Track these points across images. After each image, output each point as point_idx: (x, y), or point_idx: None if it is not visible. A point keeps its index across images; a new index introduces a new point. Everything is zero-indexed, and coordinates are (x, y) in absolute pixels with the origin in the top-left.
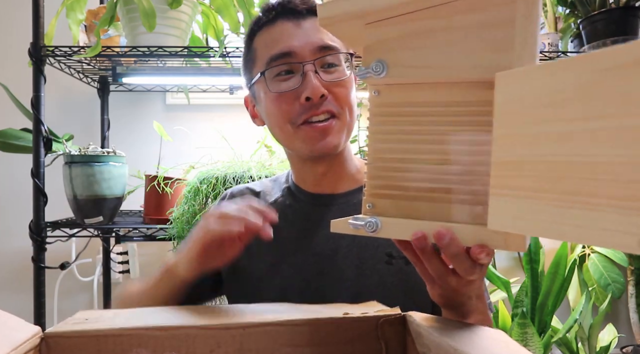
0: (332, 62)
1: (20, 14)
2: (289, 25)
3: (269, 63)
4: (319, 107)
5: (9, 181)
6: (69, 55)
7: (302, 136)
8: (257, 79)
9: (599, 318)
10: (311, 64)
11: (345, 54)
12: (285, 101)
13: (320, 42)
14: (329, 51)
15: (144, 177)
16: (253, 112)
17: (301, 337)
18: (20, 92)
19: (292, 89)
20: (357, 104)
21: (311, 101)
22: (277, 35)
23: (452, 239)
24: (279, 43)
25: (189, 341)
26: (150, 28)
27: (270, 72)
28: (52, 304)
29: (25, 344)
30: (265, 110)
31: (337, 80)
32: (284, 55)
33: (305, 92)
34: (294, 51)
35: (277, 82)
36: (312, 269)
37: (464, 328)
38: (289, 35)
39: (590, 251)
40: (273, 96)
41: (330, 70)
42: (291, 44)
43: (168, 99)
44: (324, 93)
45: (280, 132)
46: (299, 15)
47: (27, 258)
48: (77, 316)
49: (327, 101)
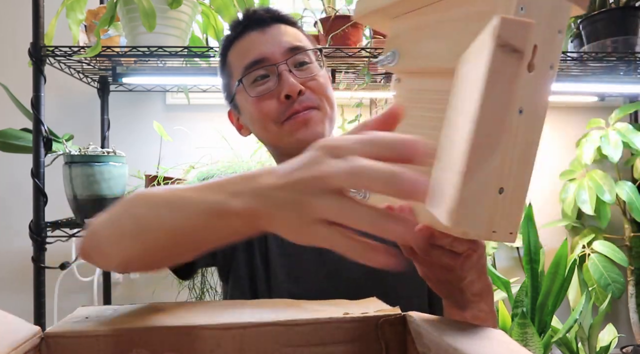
0: (303, 61)
1: (20, 14)
2: (255, 35)
3: (244, 71)
4: (299, 104)
5: (9, 181)
6: (69, 55)
7: (287, 130)
8: (236, 89)
9: (599, 318)
10: (284, 64)
11: (313, 50)
12: (266, 102)
13: (288, 44)
14: (298, 50)
15: (144, 177)
16: (238, 124)
17: (301, 337)
18: (20, 92)
19: (271, 90)
20: (356, 104)
21: (291, 98)
22: (247, 45)
23: (407, 213)
24: (250, 52)
25: (189, 341)
26: (150, 28)
27: (246, 79)
28: (52, 304)
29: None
30: (249, 116)
31: (311, 76)
32: (257, 61)
33: (284, 91)
34: (265, 56)
35: (255, 87)
36: (310, 260)
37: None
38: (258, 43)
39: (591, 251)
40: (253, 100)
41: (303, 68)
42: (261, 51)
43: (168, 99)
44: (301, 89)
45: (265, 133)
46: (264, 23)
47: (27, 258)
48: (77, 314)
49: (305, 97)
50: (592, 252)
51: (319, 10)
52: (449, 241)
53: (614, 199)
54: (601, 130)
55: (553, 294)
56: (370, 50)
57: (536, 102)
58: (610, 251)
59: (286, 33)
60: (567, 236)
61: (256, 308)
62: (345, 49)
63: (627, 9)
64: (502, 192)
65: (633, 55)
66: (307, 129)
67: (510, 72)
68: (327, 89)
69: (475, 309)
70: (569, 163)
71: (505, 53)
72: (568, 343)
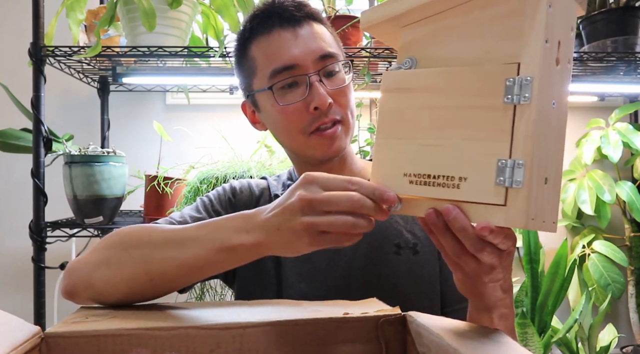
0: (333, 70)
1: (20, 14)
2: (287, 35)
3: (273, 76)
4: (327, 116)
5: (9, 181)
6: (69, 55)
7: (313, 144)
8: (261, 91)
9: (599, 318)
10: (316, 75)
11: (345, 61)
12: (295, 112)
13: (321, 51)
14: (330, 59)
15: (144, 177)
16: (253, 118)
17: (301, 337)
18: (20, 92)
19: (300, 100)
20: (356, 104)
21: (319, 110)
22: (277, 45)
23: (458, 214)
24: (281, 54)
25: (189, 341)
26: (150, 28)
27: (275, 85)
28: (52, 304)
29: (25, 344)
30: (272, 120)
31: (340, 88)
32: (288, 68)
33: (314, 103)
34: (297, 63)
35: (283, 94)
36: (322, 260)
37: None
38: (290, 46)
39: (591, 251)
40: (281, 108)
41: (332, 78)
42: (293, 55)
43: (168, 99)
44: (330, 102)
45: (291, 142)
46: (296, 23)
47: (27, 258)
48: (77, 314)
49: (333, 110)
50: (592, 252)
51: (319, 11)
52: (501, 238)
53: (614, 199)
54: (601, 130)
55: (553, 294)
56: (370, 50)
57: (563, 95)
58: (610, 251)
59: (318, 36)
60: (567, 236)
61: (256, 308)
62: (345, 49)
63: (627, 9)
64: (547, 182)
65: (633, 55)
66: (333, 144)
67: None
68: (352, 102)
69: (502, 307)
70: (569, 163)
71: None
72: (568, 343)
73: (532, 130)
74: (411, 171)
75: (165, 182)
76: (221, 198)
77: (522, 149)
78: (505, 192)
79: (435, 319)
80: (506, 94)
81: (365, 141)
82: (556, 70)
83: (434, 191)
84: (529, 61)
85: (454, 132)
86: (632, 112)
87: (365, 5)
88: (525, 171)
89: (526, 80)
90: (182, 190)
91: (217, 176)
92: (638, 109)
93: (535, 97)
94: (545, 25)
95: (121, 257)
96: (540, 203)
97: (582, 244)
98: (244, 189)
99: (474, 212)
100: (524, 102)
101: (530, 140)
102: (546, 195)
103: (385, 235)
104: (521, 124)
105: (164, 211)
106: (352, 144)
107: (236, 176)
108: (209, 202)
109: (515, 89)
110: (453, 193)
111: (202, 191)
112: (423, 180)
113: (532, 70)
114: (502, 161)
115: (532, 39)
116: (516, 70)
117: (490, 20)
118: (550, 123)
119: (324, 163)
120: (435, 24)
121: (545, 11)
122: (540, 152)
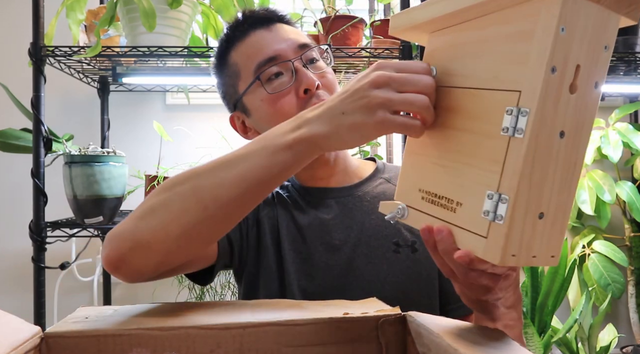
0: (314, 57)
1: (21, 14)
2: (263, 34)
3: (257, 69)
4: (318, 98)
5: (9, 181)
6: (69, 55)
7: None
8: (249, 88)
9: (599, 318)
10: (299, 60)
11: (322, 47)
12: (285, 100)
13: (298, 41)
14: (309, 47)
15: (144, 177)
16: (243, 128)
17: (301, 337)
18: (20, 92)
19: (288, 86)
20: None
21: (309, 93)
22: (256, 44)
23: (444, 236)
24: (261, 50)
25: (189, 341)
26: (150, 28)
27: (262, 75)
28: (52, 304)
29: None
30: (264, 115)
31: (323, 71)
32: (271, 59)
33: (303, 85)
34: (278, 53)
35: (271, 85)
36: (322, 259)
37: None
38: (268, 41)
39: (591, 251)
40: (269, 98)
41: (314, 65)
42: (274, 48)
43: (168, 99)
44: (318, 83)
45: None
46: (269, 22)
47: (27, 258)
48: (77, 314)
49: (321, 92)
50: (592, 252)
51: (319, 11)
52: (489, 265)
53: (614, 199)
54: (601, 130)
55: (553, 294)
56: (370, 50)
57: (580, 124)
58: (610, 251)
59: (292, 31)
60: (567, 236)
61: (256, 308)
62: (345, 49)
63: None
64: (542, 217)
65: (633, 55)
66: None
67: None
68: (337, 86)
69: (507, 319)
70: None
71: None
72: (568, 343)
73: (521, 166)
74: (424, 187)
75: None
76: None
77: (508, 184)
78: (488, 225)
79: (435, 319)
80: (503, 124)
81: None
82: (570, 98)
83: (437, 211)
84: (529, 91)
85: (458, 155)
86: (632, 112)
87: (365, 5)
88: (508, 207)
89: (523, 112)
90: None
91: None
92: (638, 109)
93: (529, 131)
94: (552, 52)
95: (166, 198)
96: (529, 239)
97: (582, 244)
98: None
99: (462, 239)
100: (517, 136)
101: (517, 176)
102: (540, 230)
103: (384, 234)
104: (512, 158)
105: None
106: None
107: None
108: None
109: (512, 120)
110: (450, 216)
111: None
112: (431, 198)
113: (531, 102)
114: (490, 193)
115: (535, 66)
116: (517, 99)
117: (503, 39)
118: (554, 155)
119: (320, 158)
120: (456, 35)
121: (554, 36)
122: (532, 188)
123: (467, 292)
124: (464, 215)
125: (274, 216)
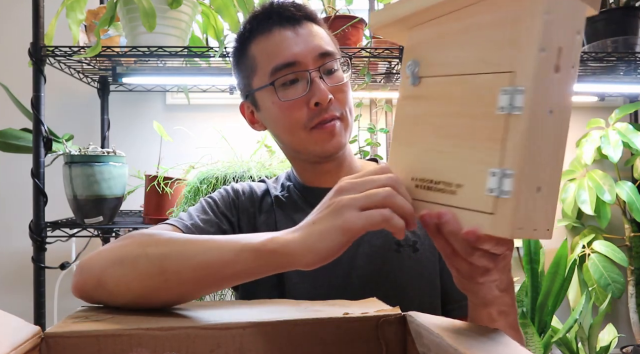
0: (333, 68)
1: (20, 14)
2: (287, 34)
3: (274, 73)
4: (327, 112)
5: (9, 181)
6: (69, 55)
7: (314, 139)
8: (262, 89)
9: (599, 318)
10: (317, 72)
11: (343, 59)
12: (296, 108)
13: (320, 49)
14: (329, 57)
15: (144, 177)
16: (252, 118)
17: (301, 337)
18: (20, 92)
19: (301, 96)
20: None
21: (320, 106)
22: (278, 44)
23: (449, 218)
24: (281, 52)
25: (189, 341)
26: (150, 28)
27: (276, 81)
28: (52, 304)
29: (25, 344)
30: (273, 117)
31: (339, 85)
32: (289, 64)
33: (314, 98)
34: (297, 60)
35: (284, 91)
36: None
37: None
38: (289, 44)
39: (591, 251)
40: (283, 104)
41: (332, 76)
42: (294, 53)
43: (168, 99)
44: (331, 98)
45: (292, 138)
46: (296, 22)
47: (27, 258)
48: (77, 314)
49: (333, 106)
50: (592, 252)
51: (319, 10)
52: (492, 244)
53: (614, 199)
54: (601, 130)
55: (553, 294)
56: (370, 50)
57: (563, 102)
58: (610, 251)
59: (317, 35)
60: (567, 236)
61: (256, 308)
62: (345, 49)
63: (627, 9)
64: (539, 191)
65: (633, 55)
66: (333, 139)
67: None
68: (350, 100)
69: (501, 304)
70: (569, 163)
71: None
72: (568, 343)
73: (522, 141)
74: (417, 175)
75: (165, 183)
76: (225, 199)
77: (511, 160)
78: (494, 201)
79: (435, 319)
80: (499, 104)
81: (366, 140)
82: (555, 77)
83: (434, 196)
84: (523, 71)
85: (453, 139)
86: (632, 112)
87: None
88: (514, 181)
89: (519, 90)
90: (182, 190)
91: (217, 176)
92: (638, 109)
93: (527, 108)
94: (541, 34)
95: (138, 255)
96: (531, 212)
97: (582, 244)
98: (245, 191)
99: (466, 219)
100: (516, 113)
101: (520, 151)
102: (538, 203)
103: (386, 233)
104: (512, 135)
105: (164, 211)
106: (351, 144)
107: (236, 176)
108: (213, 203)
109: (509, 99)
110: (450, 199)
111: (202, 191)
112: (426, 185)
113: (525, 81)
114: (493, 171)
115: (526, 48)
116: (510, 79)
117: (487, 27)
118: (546, 131)
119: (323, 161)
120: (437, 28)
121: (541, 19)
122: (531, 162)
123: (466, 276)
124: (466, 196)
125: (272, 222)
